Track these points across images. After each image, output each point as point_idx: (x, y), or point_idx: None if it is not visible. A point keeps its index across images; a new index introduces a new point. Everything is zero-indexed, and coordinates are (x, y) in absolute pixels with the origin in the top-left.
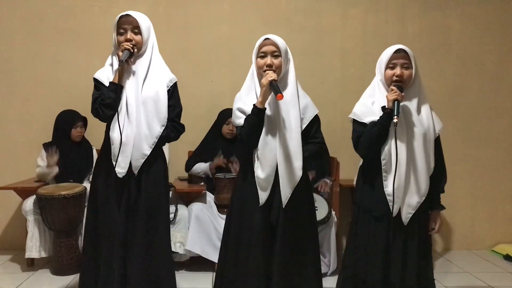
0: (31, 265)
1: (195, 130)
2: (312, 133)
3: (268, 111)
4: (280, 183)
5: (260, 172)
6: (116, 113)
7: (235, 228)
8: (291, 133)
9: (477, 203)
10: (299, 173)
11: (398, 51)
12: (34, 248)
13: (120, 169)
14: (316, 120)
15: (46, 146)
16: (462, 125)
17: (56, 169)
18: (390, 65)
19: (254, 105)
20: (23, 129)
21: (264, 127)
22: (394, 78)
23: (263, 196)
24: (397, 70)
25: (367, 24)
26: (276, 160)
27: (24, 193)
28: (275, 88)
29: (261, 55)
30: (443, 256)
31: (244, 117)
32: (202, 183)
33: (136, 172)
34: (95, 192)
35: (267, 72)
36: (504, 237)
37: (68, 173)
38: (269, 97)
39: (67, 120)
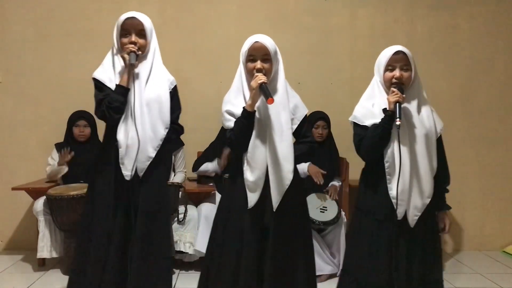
0: (43, 265)
1: (204, 131)
2: (302, 133)
3: (257, 114)
4: (271, 186)
5: (250, 175)
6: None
7: (220, 232)
8: (282, 135)
9: (487, 203)
10: (289, 176)
11: (397, 53)
12: (45, 248)
13: (127, 172)
14: (305, 120)
15: (58, 146)
16: (472, 125)
17: (65, 168)
18: (389, 67)
19: (243, 108)
20: (34, 130)
21: (254, 130)
22: (394, 80)
23: (252, 198)
24: (396, 72)
25: (376, 24)
26: (266, 163)
27: (35, 193)
28: (265, 91)
29: (250, 58)
30: (453, 257)
31: (234, 119)
32: (212, 184)
33: (141, 174)
34: (92, 194)
35: (256, 74)
36: None
37: (78, 173)
38: (259, 100)
39: (70, 119)
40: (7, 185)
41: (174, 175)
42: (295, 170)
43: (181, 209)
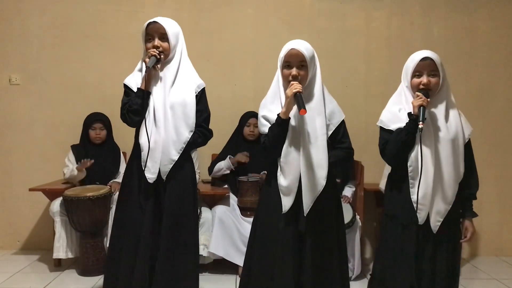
0: (58, 265)
1: (219, 133)
2: (339, 138)
3: (292, 121)
4: (303, 191)
5: (283, 180)
6: (144, 119)
7: (260, 235)
8: (316, 142)
9: (505, 208)
10: (322, 182)
11: (424, 59)
12: (61, 248)
13: (150, 175)
14: (342, 125)
15: (74, 148)
16: (490, 129)
17: (84, 174)
18: (416, 73)
19: (278, 115)
20: (51, 132)
21: (288, 136)
22: (421, 86)
23: (286, 203)
24: (424, 79)
25: (392, 27)
26: (299, 169)
27: (51, 194)
28: (298, 101)
29: (287, 64)
30: (470, 262)
31: (269, 125)
32: (226, 186)
33: (164, 177)
34: (124, 196)
35: (292, 83)
36: None
37: (94, 175)
38: (293, 108)
39: (86, 122)
40: (24, 186)
41: None
42: (331, 177)
43: None
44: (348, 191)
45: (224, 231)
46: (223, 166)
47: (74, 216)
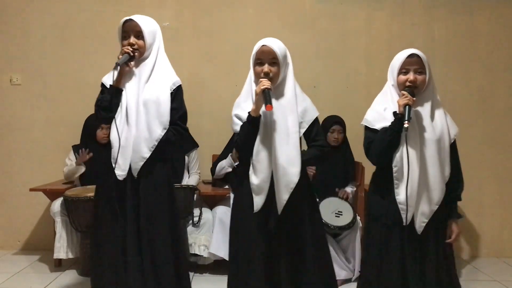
0: (59, 265)
1: (219, 134)
2: (312, 136)
3: (263, 118)
4: (275, 189)
5: (254, 178)
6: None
7: (235, 236)
8: (288, 139)
9: (506, 209)
10: (295, 179)
11: (411, 55)
12: (62, 249)
13: (120, 172)
14: (316, 123)
15: (75, 148)
16: (490, 130)
17: (83, 168)
18: (403, 70)
19: (248, 113)
20: (52, 132)
21: (260, 133)
22: (407, 83)
23: (257, 202)
24: (410, 76)
25: (393, 27)
26: (271, 167)
27: (52, 194)
28: (266, 97)
29: (258, 61)
30: (470, 264)
31: (241, 123)
32: (226, 186)
33: (135, 174)
34: (98, 194)
35: (261, 80)
36: None
37: (96, 175)
38: (263, 105)
39: (92, 122)
40: (25, 186)
41: (188, 177)
42: (304, 175)
43: (196, 211)
44: (348, 189)
45: (224, 231)
46: (225, 164)
47: (74, 217)
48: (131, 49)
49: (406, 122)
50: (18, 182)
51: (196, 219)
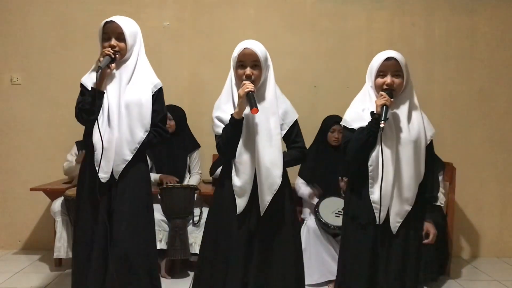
0: (59, 265)
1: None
2: (292, 138)
3: (246, 120)
4: (259, 191)
5: (237, 180)
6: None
7: (211, 237)
8: (271, 141)
9: (506, 209)
10: (278, 181)
11: (388, 59)
12: (62, 248)
13: (103, 174)
14: (296, 125)
15: (79, 144)
16: (491, 130)
17: None
18: (380, 73)
19: (231, 115)
20: (53, 132)
21: (242, 136)
22: (384, 86)
23: (240, 204)
24: (388, 79)
25: (393, 27)
26: (254, 169)
27: (53, 194)
28: (251, 100)
29: (240, 64)
30: (470, 264)
31: (223, 125)
32: None
33: (117, 177)
34: (79, 195)
35: (244, 82)
36: None
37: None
38: (246, 108)
39: None
40: (25, 186)
41: (190, 177)
42: (285, 176)
43: (196, 211)
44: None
45: None
46: None
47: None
48: (112, 51)
49: (382, 122)
50: (19, 182)
51: (196, 218)
